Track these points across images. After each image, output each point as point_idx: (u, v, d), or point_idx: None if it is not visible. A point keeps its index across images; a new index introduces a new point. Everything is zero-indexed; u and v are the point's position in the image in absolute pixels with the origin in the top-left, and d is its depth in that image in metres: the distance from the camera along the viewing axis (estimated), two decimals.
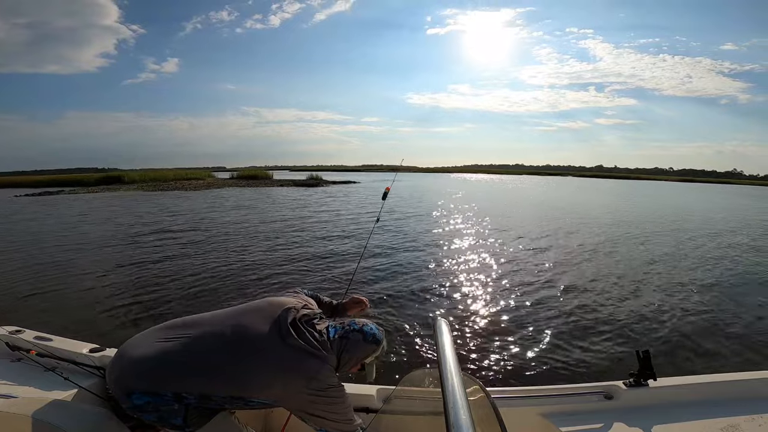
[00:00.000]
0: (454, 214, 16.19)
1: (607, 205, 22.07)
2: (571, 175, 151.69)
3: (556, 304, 5.29)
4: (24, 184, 41.18)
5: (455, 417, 0.73)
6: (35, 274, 6.82)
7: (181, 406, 1.13)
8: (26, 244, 9.57)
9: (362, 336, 1.37)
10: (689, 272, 7.18)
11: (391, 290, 5.79)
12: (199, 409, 1.16)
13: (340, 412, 1.25)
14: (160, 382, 1.13)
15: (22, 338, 1.70)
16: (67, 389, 1.42)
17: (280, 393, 1.20)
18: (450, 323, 1.37)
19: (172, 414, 1.13)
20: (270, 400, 1.20)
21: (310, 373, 1.21)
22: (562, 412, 1.56)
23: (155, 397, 1.12)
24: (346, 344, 1.34)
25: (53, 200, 23.02)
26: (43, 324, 4.20)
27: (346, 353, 1.32)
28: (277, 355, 1.21)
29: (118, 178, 38.55)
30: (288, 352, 1.22)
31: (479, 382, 1.27)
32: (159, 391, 1.12)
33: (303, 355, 1.24)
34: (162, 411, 1.13)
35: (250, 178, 43.32)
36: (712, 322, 4.77)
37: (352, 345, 1.34)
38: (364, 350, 1.36)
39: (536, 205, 21.24)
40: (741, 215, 18.37)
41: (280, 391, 1.19)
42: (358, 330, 1.38)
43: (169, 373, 1.14)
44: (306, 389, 1.19)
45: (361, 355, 1.36)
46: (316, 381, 1.21)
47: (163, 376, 1.14)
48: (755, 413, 1.45)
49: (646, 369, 1.56)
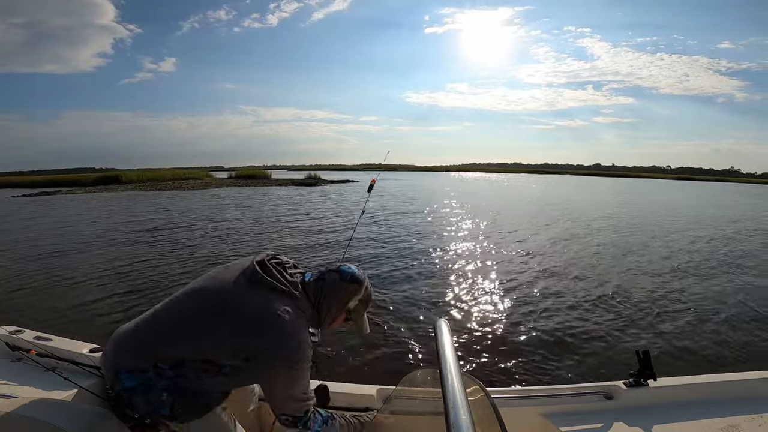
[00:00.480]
0: (452, 212, 16.18)
1: (605, 202, 22.10)
2: (569, 173, 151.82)
3: (556, 304, 5.29)
4: (21, 184, 41.05)
5: (455, 417, 0.73)
6: (35, 274, 6.80)
7: (170, 396, 1.10)
8: (25, 244, 9.54)
9: (339, 275, 1.28)
10: (689, 272, 7.20)
11: (391, 291, 5.79)
12: (182, 395, 1.11)
13: (298, 380, 1.14)
14: (140, 354, 1.11)
15: (22, 338, 1.69)
16: (67, 389, 1.42)
17: (243, 347, 1.09)
18: (450, 323, 1.36)
19: (161, 404, 1.10)
20: (237, 360, 1.10)
21: (275, 313, 1.12)
22: (562, 412, 1.56)
23: (141, 375, 1.09)
24: (323, 287, 1.25)
25: (50, 200, 22.94)
26: (43, 324, 4.19)
27: (324, 299, 1.24)
28: (240, 298, 1.14)
29: (115, 178, 38.45)
30: (252, 293, 1.15)
31: (479, 382, 1.27)
32: (141, 366, 1.09)
33: (268, 294, 1.15)
34: (150, 398, 1.10)
35: (248, 177, 43.23)
36: (712, 322, 4.78)
37: (329, 287, 1.25)
38: (343, 292, 1.26)
39: (532, 203, 21.25)
40: (739, 213, 18.43)
41: (242, 345, 1.09)
42: (335, 270, 1.29)
43: (144, 344, 1.12)
44: (267, 338, 1.09)
45: (342, 297, 1.26)
46: (279, 324, 1.11)
47: (140, 348, 1.12)
48: (755, 413, 1.45)
49: (646, 369, 1.57)
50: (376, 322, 4.55)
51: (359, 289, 1.28)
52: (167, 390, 1.10)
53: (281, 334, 1.11)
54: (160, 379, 1.09)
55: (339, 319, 1.30)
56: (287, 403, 1.15)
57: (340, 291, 1.25)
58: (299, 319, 1.17)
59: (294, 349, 1.12)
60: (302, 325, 1.18)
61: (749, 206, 23.43)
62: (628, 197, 28.05)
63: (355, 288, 1.27)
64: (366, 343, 4.02)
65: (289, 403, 1.16)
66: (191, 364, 1.10)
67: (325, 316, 1.26)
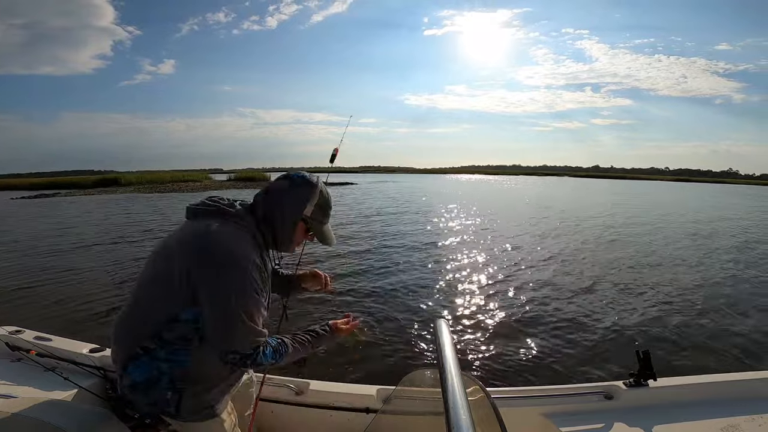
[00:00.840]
0: (452, 214, 16.20)
1: (602, 204, 22.13)
2: (568, 175, 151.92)
3: (556, 304, 5.28)
4: (20, 186, 41.08)
5: (455, 417, 0.73)
6: (35, 274, 6.80)
7: (174, 394, 1.07)
8: (25, 245, 9.53)
9: (288, 181, 1.15)
10: (688, 272, 7.19)
11: (391, 291, 5.78)
12: (184, 388, 1.07)
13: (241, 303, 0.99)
14: (128, 337, 1.07)
15: (22, 338, 1.70)
16: (67, 389, 1.42)
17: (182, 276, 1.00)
18: (450, 323, 1.34)
19: (165, 403, 1.07)
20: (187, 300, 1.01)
21: (205, 229, 1.02)
22: (562, 412, 1.56)
23: (139, 362, 1.04)
24: (271, 198, 1.13)
25: (50, 202, 22.96)
26: (43, 324, 4.19)
27: (275, 209, 1.12)
28: (179, 235, 1.08)
29: (114, 180, 38.49)
30: (188, 225, 1.09)
31: (479, 382, 1.27)
32: (133, 351, 1.05)
33: (204, 220, 1.06)
34: (156, 397, 1.06)
35: (247, 180, 43.25)
36: (712, 322, 4.78)
37: (277, 196, 1.13)
38: (294, 197, 1.13)
39: (530, 205, 21.29)
40: (744, 215, 18.45)
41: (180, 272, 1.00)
42: (283, 177, 1.17)
43: (125, 324, 1.08)
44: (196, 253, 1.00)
45: (294, 203, 1.13)
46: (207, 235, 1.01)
47: (124, 331, 1.08)
48: (755, 413, 1.45)
49: (646, 369, 1.57)
50: (376, 322, 4.55)
51: (312, 191, 1.14)
52: (170, 388, 1.07)
53: (209, 243, 1.01)
54: (155, 361, 1.04)
55: (298, 232, 1.17)
56: (232, 335, 1.00)
57: (290, 197, 1.13)
58: (237, 231, 1.06)
59: (225, 256, 1.00)
60: (239, 236, 1.05)
61: (752, 208, 23.44)
62: (626, 198, 28.11)
63: (307, 191, 1.14)
64: (366, 343, 4.02)
65: (235, 336, 1.00)
66: (166, 332, 1.03)
67: (279, 231, 1.14)
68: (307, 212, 1.15)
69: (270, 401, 1.70)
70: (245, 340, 1.02)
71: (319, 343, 1.24)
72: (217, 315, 1.00)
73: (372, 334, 4.25)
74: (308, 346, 1.20)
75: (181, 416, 1.10)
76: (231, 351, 1.02)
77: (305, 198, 1.14)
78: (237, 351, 1.02)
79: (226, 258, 1.00)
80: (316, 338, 1.23)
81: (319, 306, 4.93)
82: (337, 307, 5.04)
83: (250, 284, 1.01)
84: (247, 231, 1.08)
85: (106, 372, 1.57)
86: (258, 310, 1.04)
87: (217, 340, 1.02)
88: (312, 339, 1.22)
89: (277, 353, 1.10)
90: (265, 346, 1.06)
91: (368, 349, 3.94)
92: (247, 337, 1.01)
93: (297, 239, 1.19)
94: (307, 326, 1.28)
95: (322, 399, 1.70)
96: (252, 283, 1.01)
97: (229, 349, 1.01)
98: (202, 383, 1.12)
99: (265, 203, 1.13)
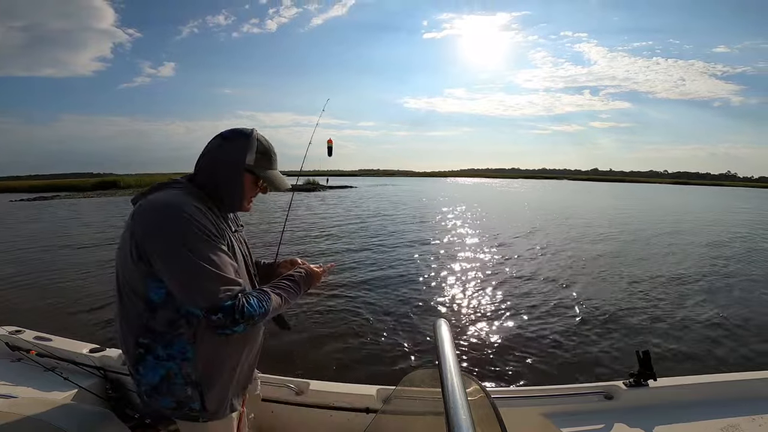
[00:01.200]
0: (452, 217, 16.21)
1: (601, 208, 22.14)
2: (567, 178, 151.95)
3: (556, 304, 5.28)
4: (20, 189, 41.08)
5: (455, 417, 0.73)
6: (35, 275, 6.81)
7: (195, 390, 1.03)
8: (25, 247, 9.55)
9: (220, 138, 1.11)
10: (688, 272, 7.19)
11: (391, 291, 5.79)
12: (206, 385, 1.05)
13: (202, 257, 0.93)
14: (126, 339, 1.03)
15: (22, 338, 1.69)
16: (67, 389, 1.42)
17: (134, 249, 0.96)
18: (450, 323, 1.33)
19: (190, 399, 1.04)
20: (149, 276, 0.97)
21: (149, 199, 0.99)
22: (562, 412, 1.56)
23: (145, 362, 1.01)
24: (208, 160, 1.10)
25: (49, 205, 22.98)
26: (43, 324, 4.19)
27: (214, 169, 1.09)
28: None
29: (114, 183, 38.51)
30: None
31: (479, 382, 1.27)
32: (136, 351, 1.02)
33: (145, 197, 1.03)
34: (179, 395, 1.03)
35: None
36: (712, 322, 4.77)
37: (213, 154, 1.10)
38: (230, 151, 1.09)
39: (530, 208, 21.31)
40: (741, 217, 18.47)
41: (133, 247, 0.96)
42: (217, 136, 1.12)
43: (120, 325, 1.05)
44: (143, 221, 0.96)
45: (232, 157, 1.08)
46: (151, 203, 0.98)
47: (121, 332, 1.05)
48: (755, 413, 1.45)
49: (646, 369, 1.57)
50: (376, 322, 4.55)
51: (248, 141, 1.10)
52: (188, 384, 1.03)
53: (146, 208, 0.98)
54: (160, 361, 1.01)
55: (246, 187, 1.12)
56: (200, 290, 0.93)
57: (227, 151, 1.09)
58: (176, 192, 1.02)
59: (162, 211, 0.96)
60: (177, 194, 1.02)
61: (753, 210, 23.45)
62: (629, 203, 28.08)
63: (242, 142, 1.09)
64: (366, 343, 4.02)
65: (204, 289, 0.93)
66: (152, 322, 1.00)
67: (225, 187, 1.09)
68: (249, 161, 1.09)
69: (270, 401, 1.70)
70: (216, 291, 0.93)
71: (298, 288, 1.17)
72: (176, 274, 0.93)
73: (372, 334, 4.26)
74: (291, 291, 1.14)
75: (209, 412, 1.07)
76: (210, 310, 0.92)
77: (243, 148, 1.09)
78: (216, 307, 0.92)
79: (164, 212, 0.96)
80: (294, 282, 1.17)
81: (317, 306, 4.94)
82: (336, 308, 5.04)
83: (199, 229, 0.95)
84: (188, 192, 1.04)
85: (106, 372, 1.56)
86: (219, 257, 0.96)
87: (190, 302, 0.95)
88: (291, 284, 1.16)
89: (262, 302, 1.01)
90: (246, 296, 0.98)
91: (368, 349, 3.94)
92: (216, 286, 0.93)
93: (247, 193, 1.13)
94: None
95: (322, 399, 1.70)
96: (200, 229, 0.95)
97: (205, 306, 0.92)
98: (217, 375, 1.08)
99: (204, 165, 1.10)
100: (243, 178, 1.10)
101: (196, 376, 1.04)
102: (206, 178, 1.08)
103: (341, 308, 5.03)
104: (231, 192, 1.10)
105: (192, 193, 1.04)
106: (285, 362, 3.56)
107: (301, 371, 3.38)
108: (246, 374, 1.23)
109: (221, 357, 1.09)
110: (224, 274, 0.95)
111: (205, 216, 0.99)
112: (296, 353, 3.79)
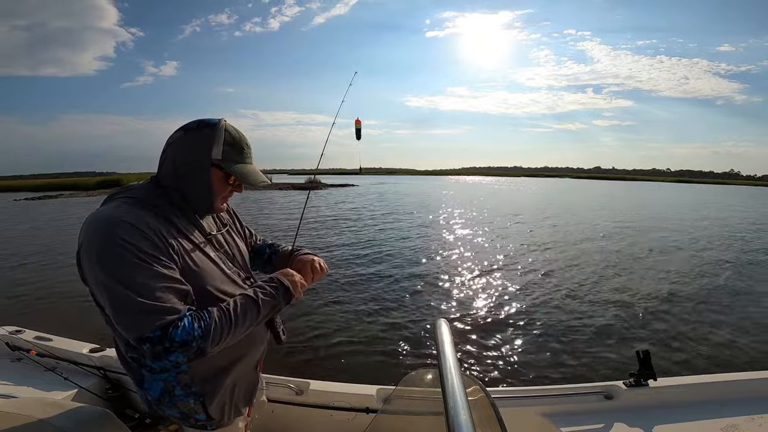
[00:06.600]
0: (453, 216, 16.21)
1: (602, 206, 22.12)
2: (569, 176, 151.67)
3: (556, 304, 5.28)
4: (23, 188, 41.21)
5: (455, 417, 0.73)
6: (35, 274, 6.82)
7: (197, 401, 1.00)
8: (27, 245, 9.57)
9: (182, 130, 0.97)
10: (688, 272, 7.19)
11: (391, 291, 5.80)
12: (208, 395, 1.01)
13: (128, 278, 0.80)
14: (119, 350, 0.98)
15: (22, 338, 1.70)
16: (67, 389, 1.42)
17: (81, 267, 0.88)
18: (450, 323, 1.32)
19: (194, 411, 1.00)
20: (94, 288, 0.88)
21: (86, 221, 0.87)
22: (562, 412, 1.56)
23: (140, 376, 0.97)
24: (170, 155, 0.96)
25: (52, 203, 23.01)
26: (43, 324, 4.20)
27: (177, 166, 0.95)
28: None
29: (116, 182, 38.68)
30: None
31: (479, 382, 1.27)
32: (131, 366, 0.97)
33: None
34: (182, 408, 1.00)
35: None
36: (713, 323, 4.77)
37: (175, 149, 0.96)
38: (195, 143, 0.95)
39: (533, 206, 21.30)
40: (742, 216, 18.43)
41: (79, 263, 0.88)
42: (179, 129, 0.98)
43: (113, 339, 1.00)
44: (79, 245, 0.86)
45: (195, 150, 0.95)
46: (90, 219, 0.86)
47: (114, 344, 1.01)
48: (755, 413, 1.45)
49: (646, 369, 1.56)
50: (376, 321, 4.55)
51: (213, 131, 0.95)
52: (189, 395, 1.00)
53: (82, 229, 0.87)
54: (154, 374, 0.96)
55: (216, 182, 0.98)
56: (126, 321, 0.82)
57: (188, 146, 0.95)
58: (121, 210, 0.88)
59: (92, 230, 0.84)
60: (122, 212, 0.87)
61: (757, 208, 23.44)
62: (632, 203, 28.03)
63: (206, 133, 0.95)
64: (366, 343, 4.02)
65: (129, 321, 0.82)
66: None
67: (191, 186, 0.96)
68: (216, 155, 0.95)
69: (270, 401, 1.70)
70: (143, 322, 0.80)
71: (268, 304, 1.01)
72: (105, 302, 0.83)
73: (372, 334, 4.26)
74: (254, 306, 0.97)
75: (215, 420, 1.04)
76: (137, 340, 0.82)
77: (207, 140, 0.95)
78: (142, 338, 0.81)
79: (96, 234, 0.83)
80: (269, 295, 1.01)
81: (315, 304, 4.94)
82: (336, 307, 5.04)
83: (131, 252, 0.82)
84: (136, 203, 0.91)
85: (106, 372, 1.56)
86: (153, 281, 0.83)
87: (122, 331, 0.84)
88: (265, 296, 1.00)
89: (201, 322, 0.86)
90: (180, 320, 0.84)
91: (368, 348, 3.94)
92: (143, 316, 0.80)
93: (218, 191, 0.99)
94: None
95: (322, 399, 1.69)
96: (133, 251, 0.82)
97: (131, 337, 0.82)
98: (217, 385, 1.05)
99: (164, 162, 0.97)
100: (209, 175, 0.96)
101: (196, 387, 1.00)
102: (168, 178, 0.96)
103: (341, 308, 5.03)
104: (197, 191, 0.97)
105: (144, 201, 0.92)
106: (285, 362, 3.57)
107: (301, 371, 3.38)
108: (249, 382, 1.21)
109: (218, 367, 1.04)
110: (153, 302, 0.82)
111: (147, 231, 0.86)
112: (296, 353, 3.80)
